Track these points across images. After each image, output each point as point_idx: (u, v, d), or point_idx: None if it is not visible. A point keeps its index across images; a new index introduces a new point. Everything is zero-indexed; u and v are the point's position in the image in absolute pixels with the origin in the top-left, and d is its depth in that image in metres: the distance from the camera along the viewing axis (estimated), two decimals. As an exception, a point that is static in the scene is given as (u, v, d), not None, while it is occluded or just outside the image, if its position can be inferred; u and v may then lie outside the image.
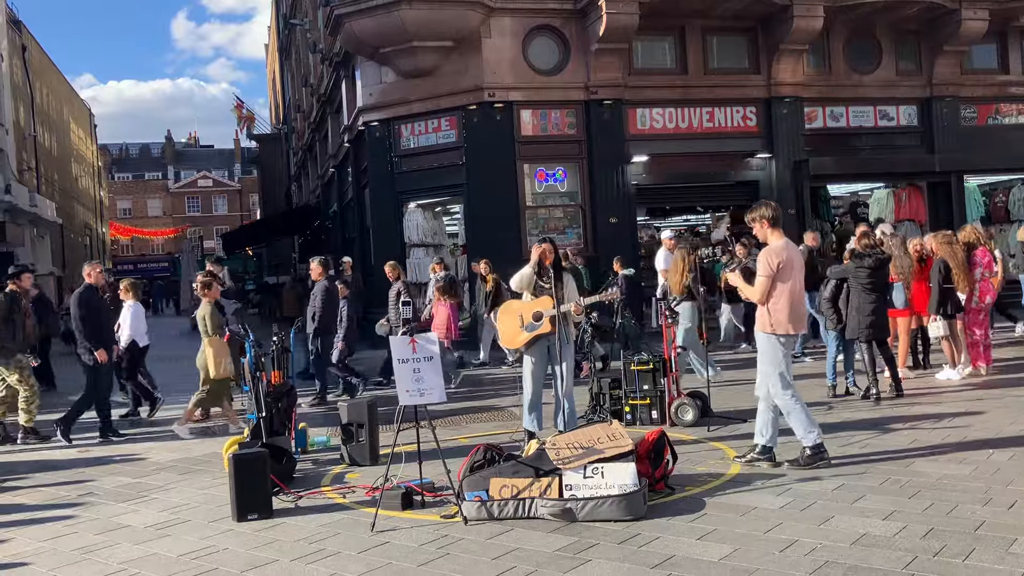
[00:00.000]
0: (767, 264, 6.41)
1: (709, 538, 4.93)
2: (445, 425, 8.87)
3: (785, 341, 6.46)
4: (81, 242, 53.99)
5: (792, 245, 6.67)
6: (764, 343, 6.51)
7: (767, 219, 6.53)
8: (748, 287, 6.66)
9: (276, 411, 7.47)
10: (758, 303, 6.51)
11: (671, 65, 18.53)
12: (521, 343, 7.38)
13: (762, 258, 6.49)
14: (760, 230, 6.60)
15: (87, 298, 9.41)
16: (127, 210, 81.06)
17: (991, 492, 5.51)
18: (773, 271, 6.38)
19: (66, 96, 54.98)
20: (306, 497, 6.39)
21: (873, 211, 20.26)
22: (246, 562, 5.02)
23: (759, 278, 6.47)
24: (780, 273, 6.38)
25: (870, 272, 9.02)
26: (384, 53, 17.51)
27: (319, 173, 28.87)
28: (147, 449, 8.88)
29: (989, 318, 10.68)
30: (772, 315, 6.41)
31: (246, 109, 48.67)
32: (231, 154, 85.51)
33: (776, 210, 6.64)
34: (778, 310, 6.40)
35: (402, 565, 4.80)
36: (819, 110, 19.15)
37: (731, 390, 10.06)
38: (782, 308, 6.39)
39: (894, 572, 4.25)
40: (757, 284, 6.48)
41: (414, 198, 18.56)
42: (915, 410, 8.42)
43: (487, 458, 5.88)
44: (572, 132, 17.77)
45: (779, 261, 6.38)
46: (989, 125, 20.28)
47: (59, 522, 6.17)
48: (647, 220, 20.91)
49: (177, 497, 6.72)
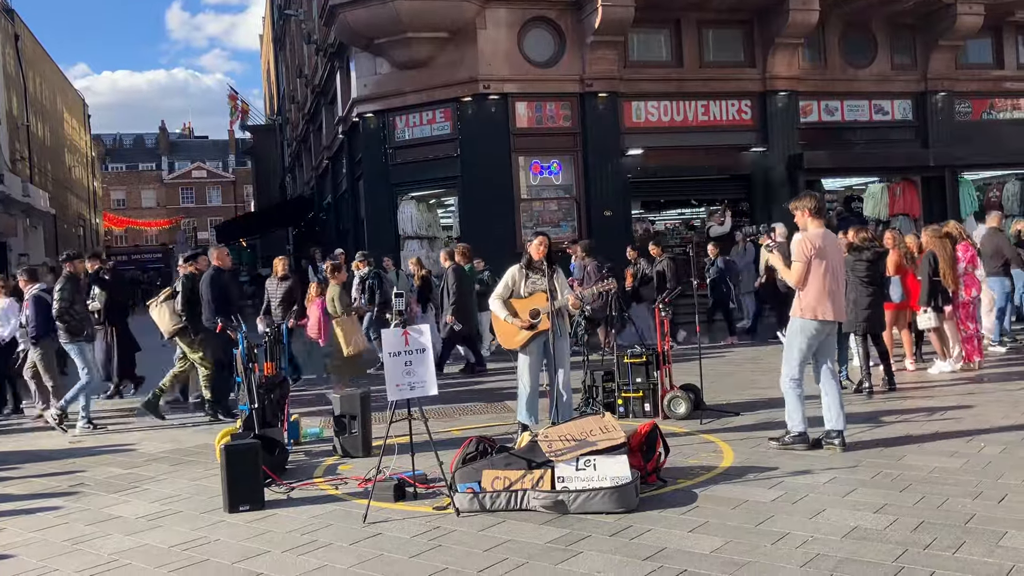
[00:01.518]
0: (802, 250, 6.64)
1: (701, 530, 4.94)
2: (438, 417, 8.86)
3: (815, 327, 6.61)
4: (75, 233, 53.78)
5: (831, 235, 6.92)
6: (792, 325, 6.75)
7: (809, 209, 6.76)
8: (786, 270, 6.90)
9: (268, 402, 7.45)
10: (795, 286, 6.71)
11: (666, 58, 18.51)
12: (520, 343, 7.35)
13: (797, 244, 6.73)
14: (801, 218, 6.81)
15: (216, 279, 9.86)
16: (121, 201, 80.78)
17: (982, 485, 5.52)
18: (808, 256, 6.60)
19: (59, 86, 54.72)
20: (298, 488, 6.38)
21: (868, 205, 20.30)
22: (238, 553, 5.01)
23: (794, 263, 6.70)
24: (813, 260, 6.59)
25: (868, 265, 9.03)
26: (379, 44, 17.46)
27: (313, 164, 28.80)
28: (138, 440, 8.86)
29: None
30: (802, 300, 6.65)
31: (240, 100, 48.47)
32: (225, 145, 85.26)
33: (820, 201, 6.92)
34: (808, 295, 6.62)
35: (394, 556, 4.79)
36: (814, 104, 19.17)
37: (725, 383, 10.07)
38: (812, 294, 6.60)
39: (885, 565, 4.26)
40: (793, 268, 6.71)
41: (408, 190, 18.53)
42: (907, 404, 8.44)
43: (480, 450, 5.88)
44: (567, 125, 17.76)
45: (814, 248, 6.61)
46: (983, 120, 20.33)
47: (49, 512, 6.15)
48: (642, 213, 20.91)
49: (169, 488, 6.71)
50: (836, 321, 6.78)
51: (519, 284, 7.40)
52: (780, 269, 7.18)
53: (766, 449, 6.79)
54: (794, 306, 6.75)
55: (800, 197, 6.95)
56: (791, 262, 6.80)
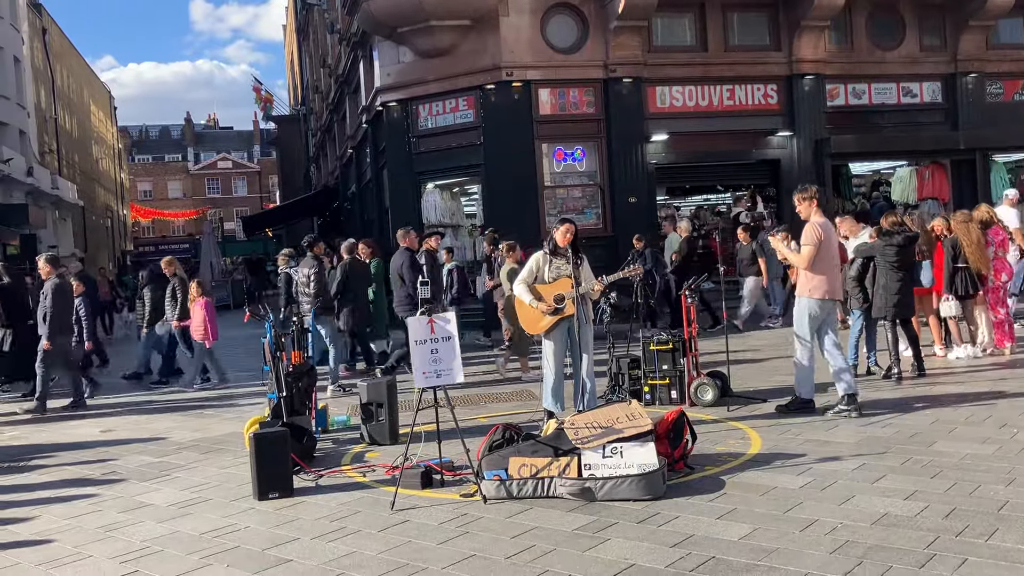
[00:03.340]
0: (815, 235, 7.33)
1: (728, 517, 4.92)
2: (464, 405, 8.88)
3: (820, 306, 7.38)
4: (102, 224, 54.41)
5: (830, 224, 7.66)
6: (801, 306, 7.46)
7: (816, 199, 7.52)
8: (792, 254, 7.72)
9: (296, 391, 7.50)
10: (803, 268, 7.43)
11: (691, 42, 18.33)
12: (544, 328, 7.35)
13: (810, 230, 7.38)
14: (807, 208, 7.50)
15: (412, 261, 10.63)
16: (148, 192, 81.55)
17: (1015, 472, 5.45)
18: (818, 241, 7.31)
19: (86, 78, 55.25)
20: (326, 476, 6.43)
21: (896, 190, 20.02)
22: (267, 540, 5.06)
23: (806, 247, 7.37)
24: (822, 245, 7.32)
25: (898, 250, 8.92)
26: (401, 33, 17.44)
27: (337, 154, 28.89)
28: (168, 429, 8.97)
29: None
30: (811, 281, 7.37)
31: (264, 91, 48.74)
32: (250, 135, 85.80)
33: (822, 193, 7.79)
34: (816, 277, 7.35)
35: (422, 543, 4.82)
36: (841, 87, 18.90)
37: (751, 369, 10.01)
38: (820, 275, 7.35)
39: (915, 552, 4.22)
40: (804, 252, 7.39)
41: (432, 178, 18.54)
42: (937, 389, 8.35)
43: (506, 437, 5.89)
44: (591, 111, 17.64)
45: (822, 234, 7.34)
46: (1015, 101, 19.95)
47: (83, 500, 6.25)
48: (667, 200, 20.79)
49: (199, 476, 6.79)
50: (836, 299, 7.61)
51: (543, 269, 7.38)
52: (786, 253, 7.90)
53: (794, 436, 6.76)
54: (801, 287, 7.48)
55: (805, 189, 7.61)
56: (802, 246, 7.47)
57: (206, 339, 11.61)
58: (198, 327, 11.61)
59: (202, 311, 11.61)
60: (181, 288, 12.11)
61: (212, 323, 11.64)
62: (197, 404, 10.56)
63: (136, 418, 9.84)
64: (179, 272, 12.55)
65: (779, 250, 8.19)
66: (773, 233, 9.15)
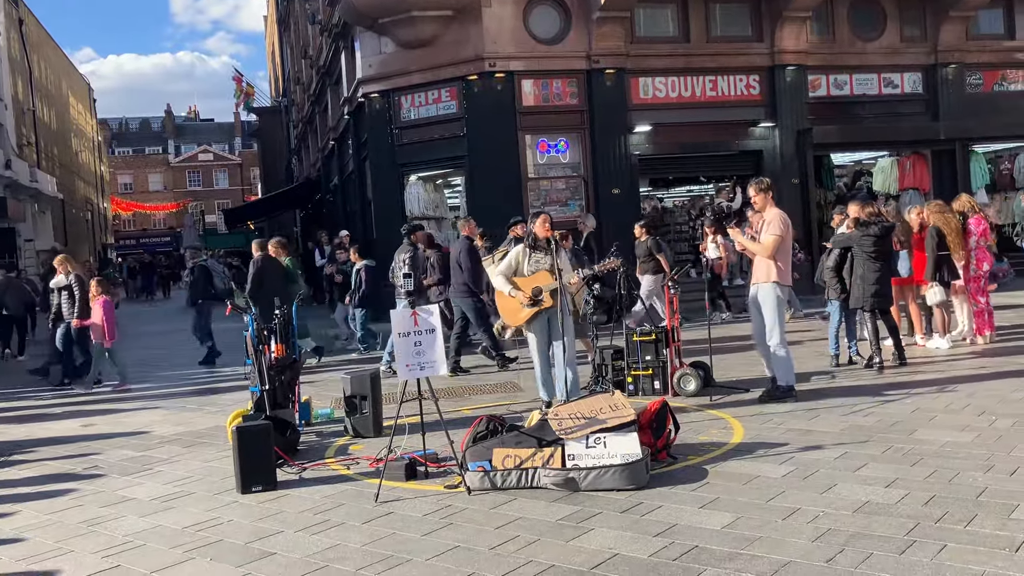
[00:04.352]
0: (782, 224, 7.60)
1: (711, 507, 4.94)
2: (448, 397, 8.88)
3: (783, 291, 7.67)
4: (82, 217, 53.90)
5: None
6: (769, 292, 7.60)
7: (772, 191, 7.84)
8: (753, 243, 7.78)
9: (279, 383, 7.48)
10: (767, 257, 7.58)
11: (673, 33, 18.34)
12: (523, 319, 7.43)
13: (778, 220, 7.63)
14: (764, 199, 7.79)
15: (471, 249, 10.82)
16: (128, 185, 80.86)
17: (993, 459, 5.51)
18: (784, 231, 7.58)
19: (64, 70, 54.64)
20: (310, 469, 6.42)
21: (877, 180, 20.14)
22: (251, 533, 5.05)
23: (773, 236, 7.56)
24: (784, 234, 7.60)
25: (875, 240, 8.97)
26: (383, 23, 17.35)
27: (319, 146, 28.73)
28: (151, 423, 8.92)
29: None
30: (780, 269, 7.58)
31: (245, 82, 48.34)
32: (231, 128, 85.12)
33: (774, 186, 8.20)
34: (783, 265, 7.59)
35: (406, 535, 4.82)
36: (823, 78, 18.97)
37: (734, 360, 10.06)
38: (785, 263, 7.62)
39: (896, 539, 4.26)
40: (769, 240, 7.57)
41: (415, 170, 18.48)
42: (917, 378, 8.42)
43: (490, 429, 5.90)
44: (574, 102, 17.62)
45: (788, 223, 7.66)
46: (995, 92, 20.09)
47: (64, 496, 6.20)
48: (650, 191, 20.81)
49: (182, 470, 6.75)
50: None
51: (522, 263, 7.44)
52: (748, 244, 7.89)
53: (776, 425, 6.80)
54: (768, 274, 7.60)
55: (760, 181, 7.94)
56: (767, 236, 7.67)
57: (105, 339, 11.48)
58: (97, 326, 11.50)
59: (101, 310, 11.49)
60: (79, 287, 11.95)
61: (111, 322, 11.55)
62: (180, 397, 10.51)
63: (118, 412, 9.77)
64: (75, 271, 12.34)
65: (738, 240, 8.14)
66: (732, 225, 9.21)
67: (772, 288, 7.58)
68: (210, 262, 14.96)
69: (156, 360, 13.99)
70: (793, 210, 8.35)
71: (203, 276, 13.68)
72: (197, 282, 13.66)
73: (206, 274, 13.72)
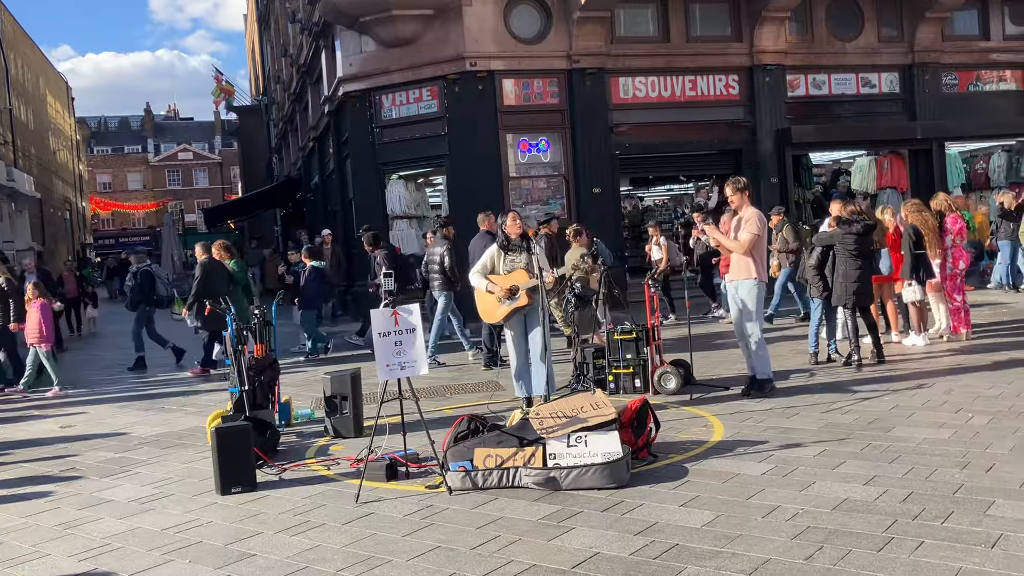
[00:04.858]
0: (760, 223, 7.80)
1: (692, 505, 4.96)
2: (429, 396, 8.86)
3: (762, 287, 7.85)
4: (61, 216, 53.32)
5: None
6: (751, 288, 7.77)
7: (749, 190, 8.02)
8: (729, 240, 7.96)
9: (259, 384, 7.44)
10: (743, 254, 7.75)
11: (653, 33, 18.37)
12: (500, 317, 7.49)
13: (756, 218, 7.80)
14: (741, 198, 7.94)
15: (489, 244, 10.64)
16: (107, 184, 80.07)
17: (969, 456, 5.56)
18: (762, 230, 7.79)
19: (41, 68, 54.03)
20: (290, 470, 6.39)
21: (855, 179, 20.29)
22: (230, 535, 5.02)
23: (751, 233, 7.73)
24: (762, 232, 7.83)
25: (856, 239, 9.04)
26: (364, 22, 17.28)
27: (300, 145, 28.59)
28: (130, 424, 8.85)
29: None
30: (758, 266, 7.79)
31: (225, 81, 48.05)
32: (211, 126, 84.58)
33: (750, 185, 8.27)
34: (760, 262, 7.82)
35: (386, 536, 4.81)
36: (801, 78, 19.07)
37: (714, 358, 10.11)
38: (762, 260, 7.87)
39: (874, 536, 4.29)
40: (746, 237, 7.74)
41: (396, 169, 18.41)
42: (896, 376, 8.49)
43: (471, 428, 5.89)
44: (555, 102, 17.62)
45: (763, 223, 7.86)
46: (969, 92, 20.28)
47: (41, 498, 6.14)
48: (630, 190, 20.86)
49: (160, 471, 6.70)
50: None
51: (498, 263, 7.47)
52: (721, 240, 8.11)
53: (756, 423, 6.84)
54: (748, 271, 7.76)
55: (737, 180, 8.08)
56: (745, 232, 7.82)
57: (41, 343, 11.36)
58: (32, 330, 11.39)
59: (37, 314, 11.38)
60: (10, 289, 11.79)
61: (48, 326, 11.47)
62: (159, 398, 10.43)
63: (96, 414, 9.69)
64: (4, 275, 12.15)
65: (714, 236, 8.27)
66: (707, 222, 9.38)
67: (753, 284, 7.75)
68: (154, 267, 14.75)
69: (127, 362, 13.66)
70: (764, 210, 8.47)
71: (146, 281, 13.48)
72: (140, 287, 13.46)
73: (149, 279, 13.53)
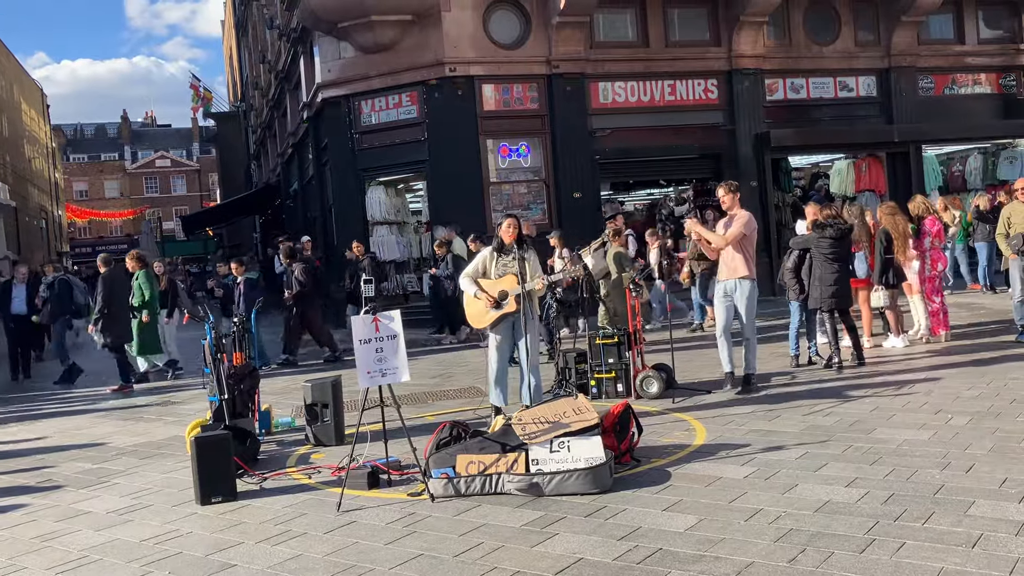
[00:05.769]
0: (750, 222, 8.11)
1: (675, 509, 4.96)
2: (411, 403, 8.82)
3: (756, 285, 8.14)
4: (36, 225, 52.78)
5: None
6: (747, 287, 8.08)
7: (739, 192, 8.30)
8: (714, 235, 8.20)
9: (238, 393, 7.38)
10: (724, 247, 8.06)
11: (632, 38, 18.45)
12: (488, 322, 7.37)
13: (746, 217, 8.12)
14: (733, 200, 8.21)
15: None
16: (83, 192, 79.33)
17: (949, 457, 5.60)
18: (750, 229, 8.08)
19: (16, 76, 53.48)
20: (271, 479, 6.33)
21: (834, 182, 20.44)
22: (210, 545, 4.96)
23: (738, 230, 8.01)
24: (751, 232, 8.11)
25: (832, 242, 9.09)
26: (343, 28, 17.24)
27: (279, 151, 28.45)
28: (108, 434, 8.74)
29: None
30: (750, 265, 8.07)
31: (203, 87, 47.76)
32: (189, 133, 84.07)
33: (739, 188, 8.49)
34: (751, 261, 8.09)
35: (369, 544, 4.77)
36: (780, 82, 19.21)
37: (696, 362, 10.13)
38: (752, 260, 8.12)
39: (856, 538, 4.30)
40: (732, 232, 8.02)
41: (376, 175, 18.37)
42: (876, 378, 8.54)
43: (453, 435, 5.86)
44: (535, 107, 17.65)
45: (752, 223, 8.16)
46: (945, 95, 20.49)
47: (17, 510, 6.05)
48: (611, 194, 20.90)
49: (139, 481, 6.62)
50: None
51: (489, 267, 7.40)
52: (706, 235, 8.31)
53: (738, 426, 6.85)
54: (745, 269, 8.03)
55: (730, 183, 8.35)
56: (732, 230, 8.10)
57: None
58: None
59: None
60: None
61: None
62: (138, 407, 10.32)
63: (74, 424, 9.57)
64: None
65: (699, 233, 8.36)
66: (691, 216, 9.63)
67: (750, 284, 8.06)
68: (70, 277, 14.60)
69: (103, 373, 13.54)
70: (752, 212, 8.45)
71: (64, 291, 13.28)
72: (58, 297, 13.16)
73: (67, 288, 13.34)
